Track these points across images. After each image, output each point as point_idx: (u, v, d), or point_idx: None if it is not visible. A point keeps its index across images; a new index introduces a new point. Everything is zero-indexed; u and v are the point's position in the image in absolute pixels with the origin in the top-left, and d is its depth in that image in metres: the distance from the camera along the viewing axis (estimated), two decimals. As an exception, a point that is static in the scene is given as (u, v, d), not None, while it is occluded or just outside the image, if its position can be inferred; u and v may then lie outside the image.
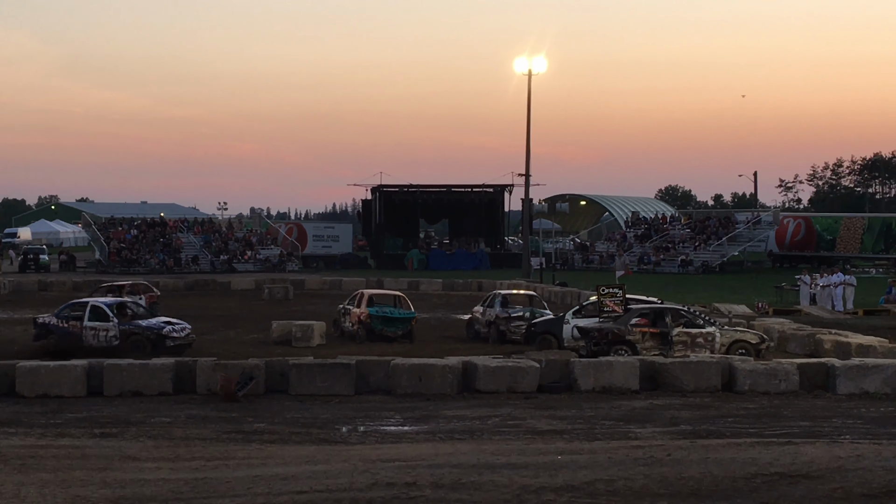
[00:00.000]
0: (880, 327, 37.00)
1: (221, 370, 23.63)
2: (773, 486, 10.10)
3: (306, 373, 23.94)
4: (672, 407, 22.20)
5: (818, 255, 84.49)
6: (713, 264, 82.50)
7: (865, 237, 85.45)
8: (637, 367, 24.75)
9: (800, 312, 43.83)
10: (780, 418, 20.77)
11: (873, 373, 24.60)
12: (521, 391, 23.83)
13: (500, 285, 54.66)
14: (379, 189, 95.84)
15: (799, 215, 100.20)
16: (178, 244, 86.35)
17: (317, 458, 14.19)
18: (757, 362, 25.66)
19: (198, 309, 47.05)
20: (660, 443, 15.27)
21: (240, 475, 12.34)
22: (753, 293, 52.73)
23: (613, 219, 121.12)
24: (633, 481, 10.43)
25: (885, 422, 20.50)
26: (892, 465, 10.82)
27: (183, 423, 20.09)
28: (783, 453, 12.04)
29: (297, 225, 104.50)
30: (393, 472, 11.55)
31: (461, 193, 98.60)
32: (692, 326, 29.72)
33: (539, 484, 10.40)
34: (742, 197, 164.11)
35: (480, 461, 12.52)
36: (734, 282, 68.20)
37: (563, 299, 54.19)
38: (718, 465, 11.21)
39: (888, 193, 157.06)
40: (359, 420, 20.44)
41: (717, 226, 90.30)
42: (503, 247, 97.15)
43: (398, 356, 26.15)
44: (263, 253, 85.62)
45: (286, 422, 20.17)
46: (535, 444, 16.59)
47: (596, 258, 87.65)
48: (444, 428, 19.51)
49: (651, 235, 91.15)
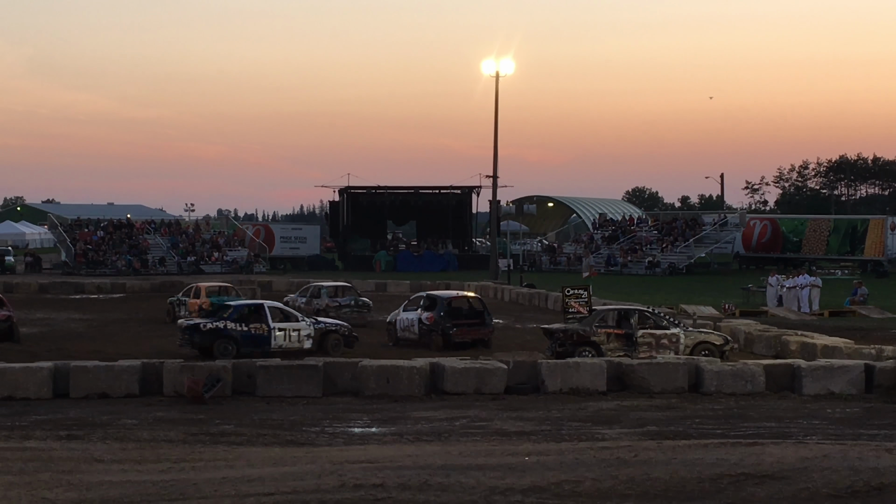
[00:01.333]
0: (846, 328, 37.21)
1: (188, 372, 23.56)
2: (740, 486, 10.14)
3: (274, 375, 23.90)
4: (639, 408, 22.26)
5: (784, 256, 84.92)
6: (680, 266, 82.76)
7: (831, 239, 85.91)
8: (604, 368, 24.81)
9: (766, 314, 44.04)
10: (746, 419, 20.86)
11: (839, 374, 24.75)
12: (489, 392, 23.85)
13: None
14: (346, 190, 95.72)
15: (765, 217, 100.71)
16: (144, 246, 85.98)
17: (284, 460, 14.16)
18: (723, 363, 25.78)
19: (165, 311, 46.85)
20: (627, 444, 15.30)
21: (207, 477, 12.30)
22: (720, 294, 52.93)
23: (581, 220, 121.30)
24: (601, 482, 10.45)
25: (851, 422, 20.62)
26: (858, 465, 10.87)
27: (150, 425, 20.00)
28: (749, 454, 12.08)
29: (264, 226, 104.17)
30: (360, 473, 11.54)
31: (429, 195, 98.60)
32: (657, 328, 29.83)
33: (506, 485, 10.41)
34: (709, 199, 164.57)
35: (448, 462, 12.52)
36: (701, 283, 68.44)
37: (531, 301, 54.30)
38: (685, 465, 11.24)
39: (854, 195, 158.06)
40: (326, 422, 20.41)
41: (684, 227, 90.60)
42: (471, 248, 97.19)
43: (365, 358, 26.12)
44: (231, 254, 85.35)
45: (253, 423, 20.12)
46: (502, 445, 16.60)
47: (563, 259, 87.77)
48: (411, 429, 19.51)
49: (618, 237, 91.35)
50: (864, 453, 11.94)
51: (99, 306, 51.34)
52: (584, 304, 34.49)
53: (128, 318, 44.88)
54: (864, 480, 10.04)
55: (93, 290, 61.15)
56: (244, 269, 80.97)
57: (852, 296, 49.61)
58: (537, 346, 31.98)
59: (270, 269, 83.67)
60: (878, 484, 9.90)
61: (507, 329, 41.19)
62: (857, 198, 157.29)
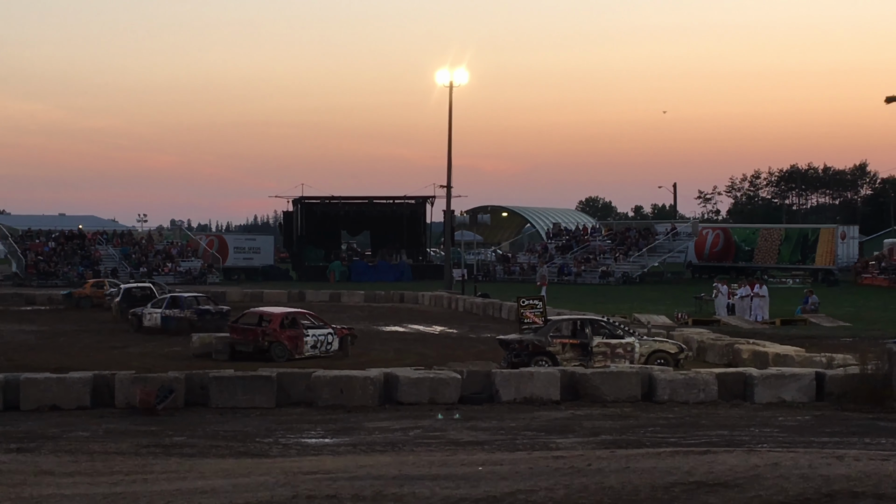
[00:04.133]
0: (797, 337, 37.52)
1: (140, 383, 23.40)
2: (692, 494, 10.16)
3: (227, 385, 23.80)
4: (593, 417, 22.31)
5: (737, 265, 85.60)
6: (633, 275, 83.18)
7: (783, 248, 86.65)
8: (558, 377, 24.87)
9: (719, 322, 44.32)
10: (698, 427, 20.95)
11: (790, 382, 24.93)
12: (443, 402, 23.85)
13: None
14: (300, 201, 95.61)
15: (718, 226, 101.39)
16: (96, 257, 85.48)
17: (237, 472, 14.08)
18: (676, 372, 25.90)
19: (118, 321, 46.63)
20: (580, 453, 15.32)
21: (158, 489, 12.22)
22: (673, 304, 53.22)
23: (535, 230, 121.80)
24: (554, 492, 10.45)
25: (802, 430, 20.75)
26: (808, 473, 10.93)
27: (101, 437, 19.85)
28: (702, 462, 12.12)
29: (217, 237, 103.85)
30: (313, 484, 11.49)
31: (383, 205, 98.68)
32: (612, 337, 29.94)
33: (460, 495, 10.39)
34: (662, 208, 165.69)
35: (401, 473, 12.49)
36: (654, 292, 68.79)
37: (485, 310, 54.36)
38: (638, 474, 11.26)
39: (805, 205, 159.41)
40: (280, 433, 20.34)
41: (638, 237, 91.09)
42: (425, 258, 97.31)
43: (319, 368, 26.07)
44: (184, 265, 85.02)
45: (206, 435, 20.01)
46: (456, 455, 16.57)
47: (517, 269, 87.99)
48: (365, 440, 19.47)
49: (572, 247, 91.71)
50: (815, 461, 12.00)
51: (50, 318, 50.93)
52: (538, 315, 34.61)
53: (80, 329, 44.55)
54: (814, 488, 10.09)
55: (44, 301, 60.69)
56: (197, 279, 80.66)
57: (803, 304, 50.05)
58: (492, 356, 32.03)
59: (224, 279, 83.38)
60: (828, 491, 9.95)
61: (461, 339, 41.24)
62: (808, 207, 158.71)
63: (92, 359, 31.96)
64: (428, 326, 47.49)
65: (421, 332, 44.85)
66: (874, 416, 22.35)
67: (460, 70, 73.86)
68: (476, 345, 38.21)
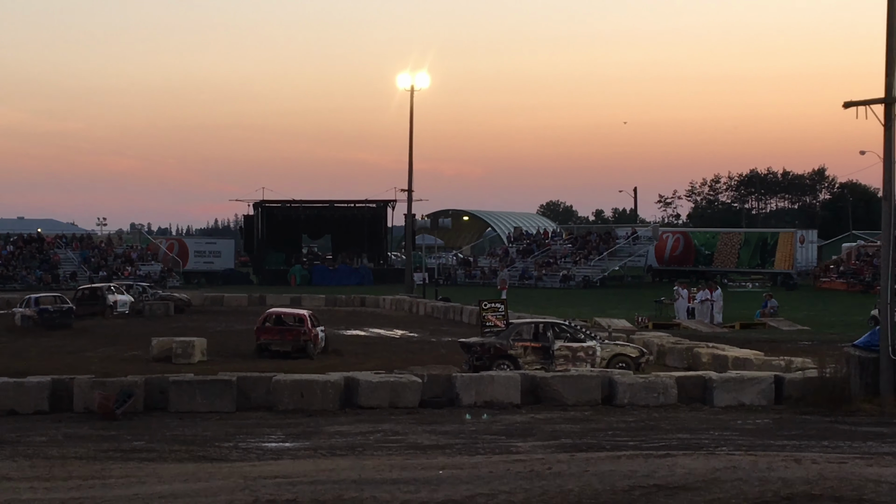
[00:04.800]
0: (756, 340, 37.72)
1: (99, 388, 23.25)
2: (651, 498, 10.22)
3: (186, 390, 23.69)
4: (553, 421, 22.34)
5: (696, 269, 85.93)
6: (594, 279, 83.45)
7: (742, 252, 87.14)
8: (518, 381, 24.87)
9: (678, 326, 44.49)
10: (658, 431, 21.02)
11: (749, 385, 25.03)
12: (404, 406, 23.82)
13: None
14: (261, 204, 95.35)
15: (678, 230, 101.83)
16: (55, 260, 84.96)
17: (196, 476, 14.03)
18: (636, 376, 25.95)
19: (76, 325, 46.39)
20: (540, 456, 15.36)
21: (117, 494, 12.16)
22: (633, 307, 53.40)
23: (496, 234, 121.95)
24: (514, 495, 10.47)
25: (761, 433, 20.86)
26: (767, 475, 11.00)
27: (59, 441, 19.72)
28: (661, 465, 12.18)
29: (178, 240, 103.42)
30: (273, 488, 11.47)
31: (344, 209, 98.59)
32: (573, 341, 30.00)
33: (420, 499, 10.41)
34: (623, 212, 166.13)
35: (362, 477, 12.49)
36: (615, 296, 69.02)
37: (446, 314, 54.37)
38: (598, 478, 11.31)
39: (764, 209, 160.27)
40: (240, 437, 20.26)
41: (598, 241, 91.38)
42: (386, 262, 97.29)
43: (280, 372, 25.98)
44: (144, 269, 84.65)
45: (165, 439, 19.92)
46: (416, 459, 16.59)
47: (478, 273, 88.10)
48: (325, 444, 19.43)
49: (533, 250, 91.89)
50: (774, 464, 12.09)
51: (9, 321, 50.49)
52: (500, 318, 34.67)
53: (38, 333, 44.22)
54: (773, 490, 10.17)
55: (2, 305, 60.20)
56: (157, 283, 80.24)
57: (762, 308, 50.38)
58: (452, 359, 32.03)
59: (184, 283, 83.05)
60: (787, 494, 10.02)
61: (422, 343, 41.23)
62: (768, 211, 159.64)
63: (51, 363, 31.72)
64: (389, 330, 47.46)
65: (382, 336, 44.82)
66: (832, 419, 22.49)
67: (422, 74, 73.89)
68: (437, 349, 38.20)
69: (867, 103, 24.55)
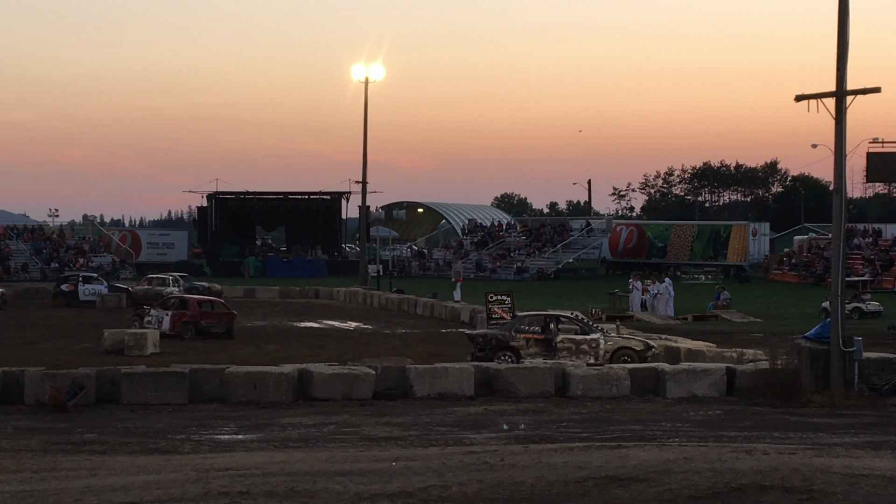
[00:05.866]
0: (709, 332, 37.95)
1: (50, 380, 23.10)
2: (604, 489, 10.24)
3: (138, 382, 23.57)
4: (506, 412, 22.39)
5: (650, 261, 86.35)
6: (548, 271, 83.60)
7: (695, 244, 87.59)
8: (472, 373, 24.92)
9: (632, 318, 44.65)
10: (611, 422, 21.12)
11: (701, 377, 25.20)
12: (357, 398, 23.82)
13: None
14: (215, 196, 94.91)
15: (631, 223, 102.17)
16: (6, 252, 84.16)
17: (148, 468, 13.95)
18: (589, 368, 25.97)
19: (27, 318, 46.04)
20: (494, 448, 15.38)
21: (68, 486, 12.07)
22: (587, 299, 53.55)
23: (450, 226, 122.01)
24: (467, 487, 10.47)
25: (712, 424, 21.00)
26: (718, 466, 11.06)
27: (9, 434, 19.58)
28: (614, 457, 12.22)
29: (131, 232, 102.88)
30: (226, 480, 11.42)
31: (298, 201, 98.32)
32: (582, 333, 29.63)
33: (373, 491, 10.38)
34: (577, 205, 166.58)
35: (315, 469, 12.46)
36: (569, 288, 69.19)
37: (400, 306, 54.36)
38: (551, 469, 11.32)
39: (717, 202, 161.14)
40: (192, 429, 20.18)
41: (553, 233, 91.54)
42: (340, 254, 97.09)
43: (233, 364, 25.90)
44: (96, 260, 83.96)
45: (117, 432, 19.82)
46: (370, 450, 16.57)
47: (433, 265, 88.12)
48: (278, 436, 19.39)
49: (488, 243, 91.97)
50: (725, 455, 12.15)
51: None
52: (507, 310, 34.68)
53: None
54: (724, 481, 10.21)
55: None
56: (110, 275, 79.64)
57: (715, 300, 50.69)
58: (406, 351, 32.02)
59: (137, 275, 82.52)
60: (738, 485, 10.07)
61: (376, 335, 41.19)
62: (721, 204, 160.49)
63: (1, 355, 31.46)
64: (343, 322, 47.40)
65: (336, 329, 44.75)
66: (783, 410, 22.67)
67: (376, 66, 73.64)
68: (391, 340, 38.20)
69: (819, 97, 24.72)
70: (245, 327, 42.20)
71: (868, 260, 73.28)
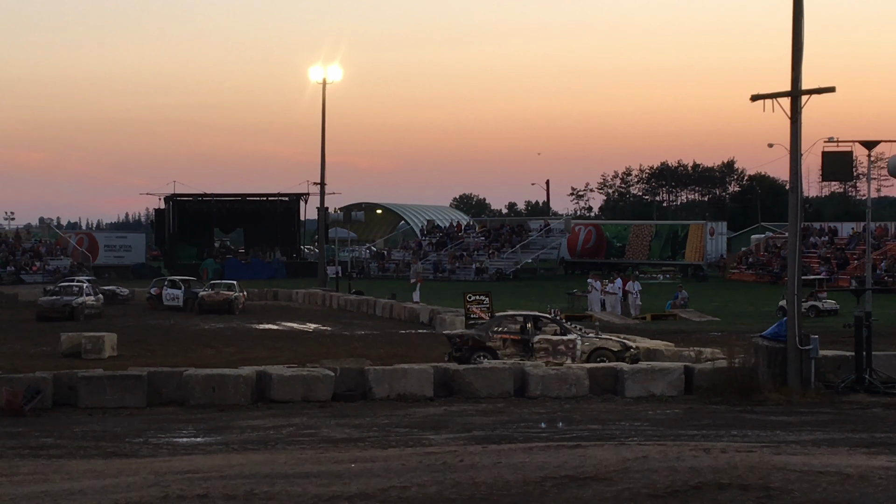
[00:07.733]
0: (667, 331, 38.11)
1: (6, 384, 22.91)
2: (563, 488, 10.26)
3: (96, 385, 23.43)
4: (465, 413, 22.40)
5: (608, 261, 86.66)
6: (507, 271, 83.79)
7: (654, 244, 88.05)
8: (431, 374, 24.92)
9: (591, 318, 44.78)
10: (570, 422, 21.16)
11: (659, 376, 25.29)
12: (316, 400, 23.77)
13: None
14: (172, 198, 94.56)
15: (590, 223, 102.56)
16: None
17: (106, 472, 13.88)
18: (548, 367, 25.99)
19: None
20: (453, 449, 15.40)
21: (24, 491, 11.99)
22: (546, 299, 53.62)
23: (409, 227, 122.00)
24: (426, 487, 10.48)
25: (671, 423, 21.08)
26: (677, 465, 11.11)
27: (-35, 439, 19.41)
28: (573, 456, 12.26)
29: (87, 235, 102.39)
30: (184, 484, 11.38)
31: (256, 202, 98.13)
32: (561, 333, 29.56)
33: (332, 492, 10.37)
34: (535, 205, 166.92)
35: (273, 471, 12.44)
36: (528, 288, 69.33)
37: (359, 307, 54.33)
38: (510, 469, 11.34)
39: (675, 201, 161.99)
40: (150, 432, 20.08)
41: (511, 234, 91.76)
42: (299, 256, 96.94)
43: (192, 367, 25.80)
44: (53, 263, 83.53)
45: (74, 436, 19.69)
46: (329, 452, 16.55)
47: (392, 266, 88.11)
48: (237, 438, 19.33)
49: (446, 243, 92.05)
50: (683, 453, 12.21)
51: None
52: (485, 310, 34.69)
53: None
54: (682, 480, 10.26)
55: None
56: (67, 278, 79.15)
57: (673, 299, 50.91)
58: (365, 352, 31.98)
59: (95, 278, 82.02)
60: (696, 483, 10.12)
61: (335, 336, 41.14)
62: (678, 204, 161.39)
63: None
64: (302, 324, 47.32)
65: (295, 330, 44.67)
66: (741, 408, 22.78)
67: (334, 67, 73.68)
68: (350, 342, 38.16)
69: (774, 96, 24.87)
70: (203, 329, 42.03)
71: (824, 258, 73.86)
